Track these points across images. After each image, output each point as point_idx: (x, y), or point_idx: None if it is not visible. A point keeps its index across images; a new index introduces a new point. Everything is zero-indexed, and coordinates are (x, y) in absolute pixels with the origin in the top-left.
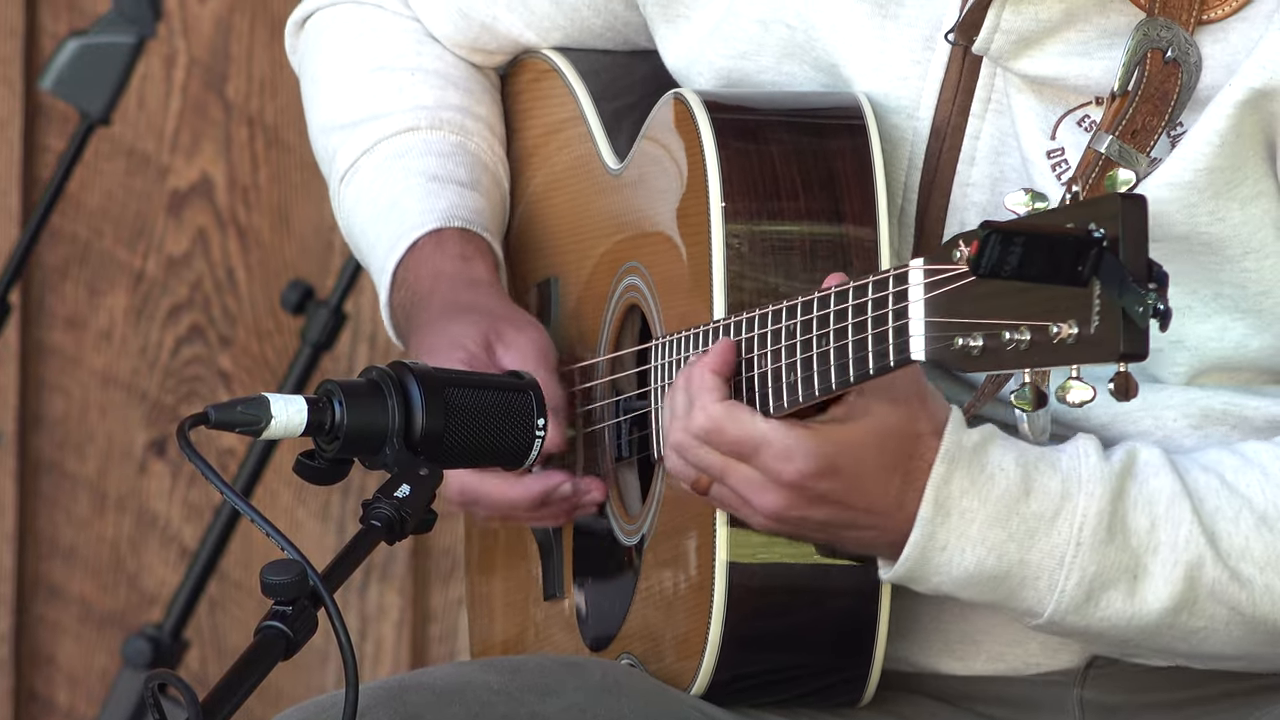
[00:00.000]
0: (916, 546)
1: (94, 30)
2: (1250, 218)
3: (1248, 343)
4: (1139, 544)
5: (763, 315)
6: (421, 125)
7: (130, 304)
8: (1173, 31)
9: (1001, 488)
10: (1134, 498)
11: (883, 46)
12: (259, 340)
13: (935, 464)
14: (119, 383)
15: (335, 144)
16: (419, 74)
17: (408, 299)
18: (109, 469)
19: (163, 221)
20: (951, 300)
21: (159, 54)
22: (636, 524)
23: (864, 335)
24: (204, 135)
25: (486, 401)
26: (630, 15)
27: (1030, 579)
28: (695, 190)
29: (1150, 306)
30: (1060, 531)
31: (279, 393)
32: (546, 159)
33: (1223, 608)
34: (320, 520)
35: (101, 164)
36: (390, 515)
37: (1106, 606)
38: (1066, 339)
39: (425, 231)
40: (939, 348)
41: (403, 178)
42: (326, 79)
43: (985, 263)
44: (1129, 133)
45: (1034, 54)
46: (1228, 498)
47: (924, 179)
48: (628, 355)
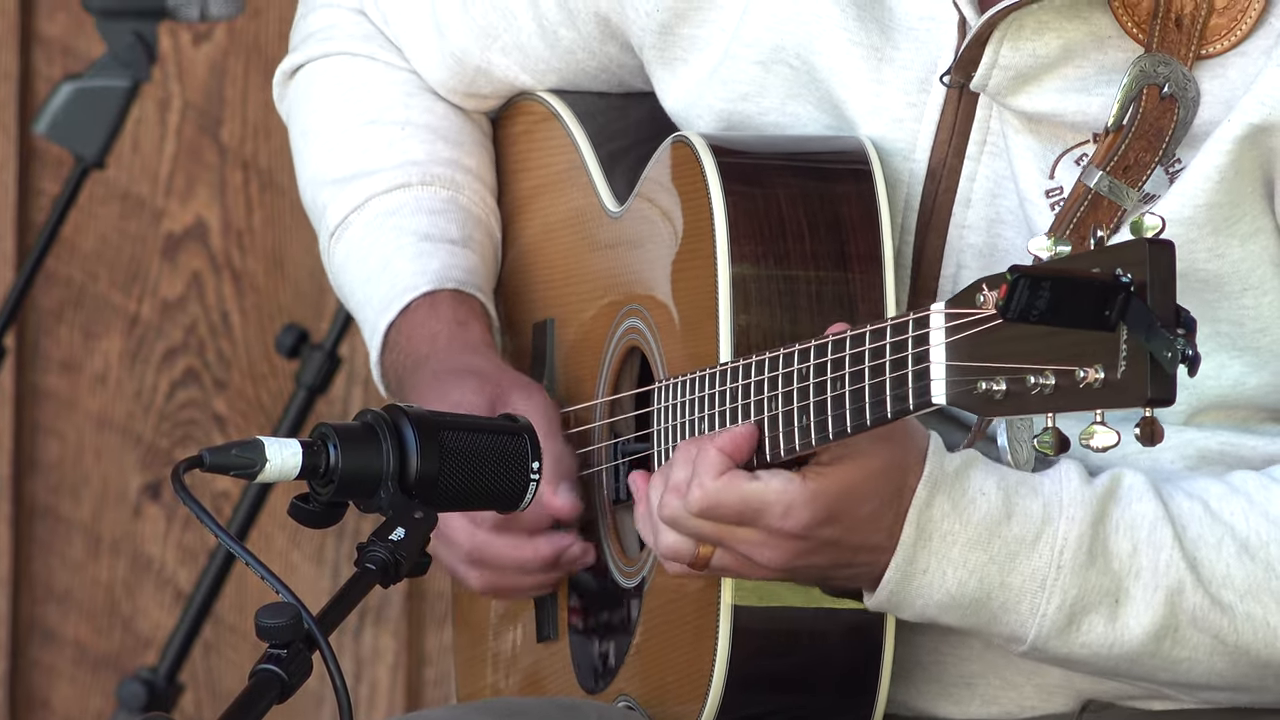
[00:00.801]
0: (898, 570)
1: (88, 74)
2: (1249, 254)
3: (1245, 380)
4: (1120, 568)
5: (774, 358)
6: (413, 181)
7: (125, 347)
8: (1170, 67)
9: (983, 511)
10: (1116, 521)
11: (878, 89)
12: (254, 384)
13: (918, 489)
14: (114, 426)
15: (325, 199)
16: (409, 128)
17: (400, 361)
18: (104, 512)
19: (157, 265)
20: (974, 344)
21: (153, 98)
22: (636, 567)
23: (882, 379)
24: (198, 179)
25: (481, 445)
26: (625, 58)
27: (1012, 603)
28: (701, 233)
29: (1179, 352)
30: (1041, 554)
31: (274, 436)
32: (545, 202)
33: (1205, 636)
34: (315, 563)
35: (96, 208)
36: (385, 558)
37: (1088, 631)
38: (1093, 384)
39: (419, 294)
40: (961, 392)
41: (395, 237)
42: (316, 132)
43: (1014, 307)
44: (1121, 168)
45: (1031, 90)
46: (1210, 525)
47: (920, 221)
48: (627, 397)
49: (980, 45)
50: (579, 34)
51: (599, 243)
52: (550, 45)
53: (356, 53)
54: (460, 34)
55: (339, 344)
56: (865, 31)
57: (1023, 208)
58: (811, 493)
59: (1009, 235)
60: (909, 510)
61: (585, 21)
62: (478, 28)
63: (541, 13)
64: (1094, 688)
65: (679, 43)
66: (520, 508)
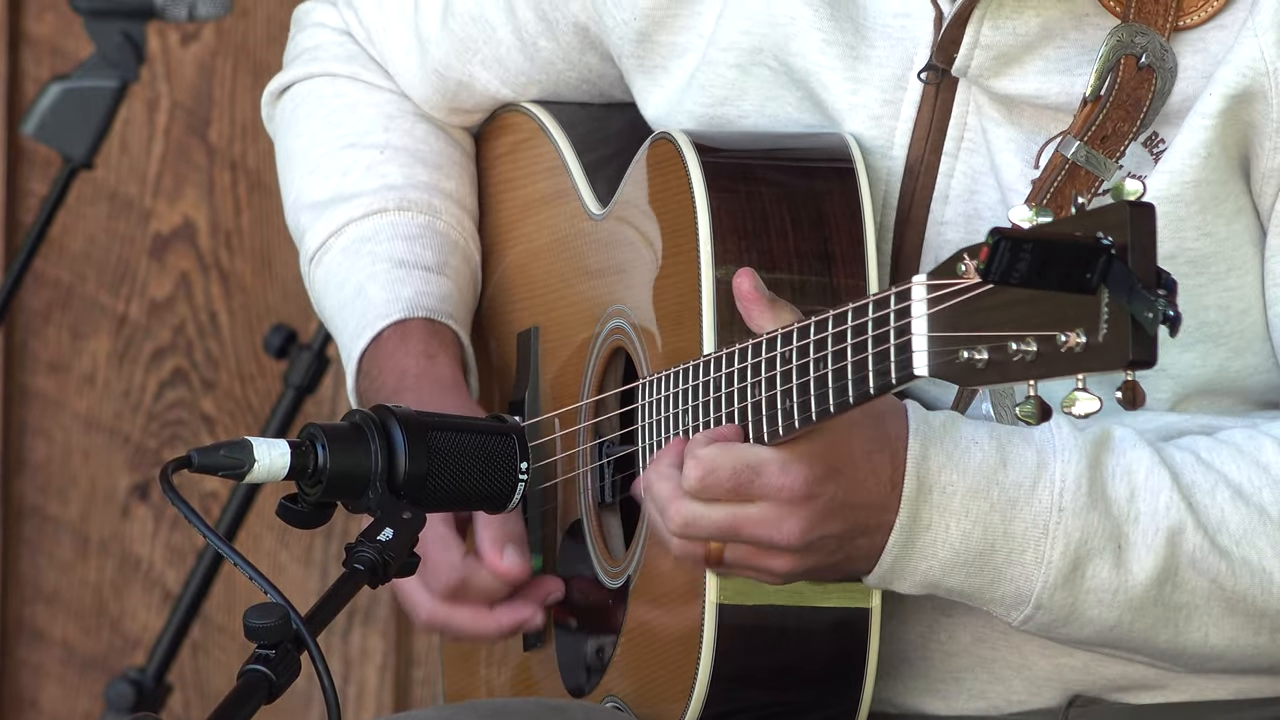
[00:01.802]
0: (902, 530)
1: (76, 74)
2: (1233, 233)
3: (1230, 365)
4: (1119, 513)
5: (755, 345)
6: (389, 207)
7: (113, 348)
8: (1148, 37)
9: (978, 460)
10: (1111, 468)
11: (855, 87)
12: (242, 384)
13: (910, 443)
14: (102, 427)
15: (306, 223)
16: (388, 151)
17: (371, 390)
18: (92, 513)
19: (145, 265)
20: (955, 314)
21: (142, 98)
22: (621, 567)
23: (864, 355)
24: (186, 179)
25: (470, 445)
26: (605, 68)
27: (1016, 553)
28: (684, 231)
29: (1160, 313)
30: (1040, 499)
31: (262, 436)
32: (530, 212)
33: (1204, 580)
34: (303, 564)
35: (84, 208)
36: (373, 559)
37: (1093, 577)
38: (1074, 348)
39: (390, 322)
40: (943, 362)
41: (369, 263)
42: (299, 155)
43: (995, 269)
44: (1098, 138)
45: (1014, 72)
46: (1204, 472)
47: (898, 218)
48: (611, 398)
49: (961, 24)
50: (558, 45)
51: (582, 245)
52: (530, 57)
53: (338, 74)
54: (441, 49)
55: (327, 344)
56: (840, 30)
57: (1005, 200)
58: (801, 452)
59: (988, 230)
60: (906, 464)
61: (564, 32)
62: (457, 42)
63: (520, 25)
64: (1082, 679)
65: (657, 50)
66: (508, 508)
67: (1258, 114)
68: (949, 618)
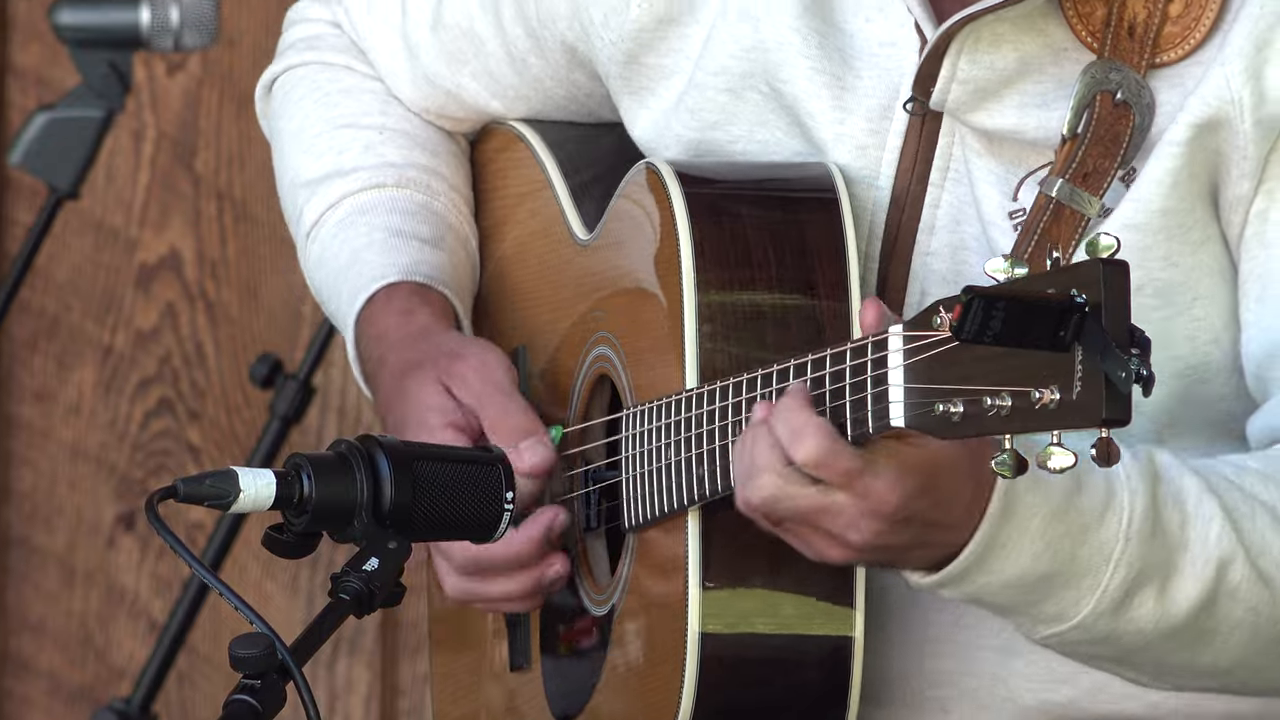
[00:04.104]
0: (979, 546)
1: (62, 104)
2: (1199, 263)
3: (1194, 394)
4: (1173, 542)
5: (736, 384)
6: (388, 183)
7: (99, 378)
8: (1122, 74)
9: (1060, 482)
10: (1164, 496)
11: (842, 117)
12: (228, 414)
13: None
14: (88, 456)
15: (302, 200)
16: (386, 132)
17: (367, 366)
18: (78, 542)
19: (131, 295)
20: (931, 366)
21: (127, 128)
22: (606, 594)
23: (841, 402)
24: (172, 209)
25: (455, 475)
26: (593, 86)
27: (1075, 578)
28: (668, 260)
29: (1133, 372)
30: (1109, 526)
31: (247, 466)
32: (514, 228)
33: (1239, 608)
34: (289, 594)
35: (70, 238)
36: (359, 588)
37: (1140, 606)
38: (1049, 404)
39: (382, 284)
40: (919, 414)
41: (366, 232)
42: (294, 136)
43: (969, 328)
44: (1080, 176)
45: (991, 107)
46: (1241, 497)
47: (884, 248)
48: (596, 425)
49: (938, 58)
50: (546, 62)
51: (568, 270)
52: (519, 73)
53: (333, 62)
54: (431, 57)
55: (313, 374)
56: (827, 59)
57: (986, 232)
58: (914, 463)
59: (973, 261)
60: (995, 482)
61: (553, 50)
62: (447, 52)
63: (509, 40)
64: (1069, 714)
65: (644, 72)
66: (494, 538)
67: (1225, 142)
68: (935, 647)
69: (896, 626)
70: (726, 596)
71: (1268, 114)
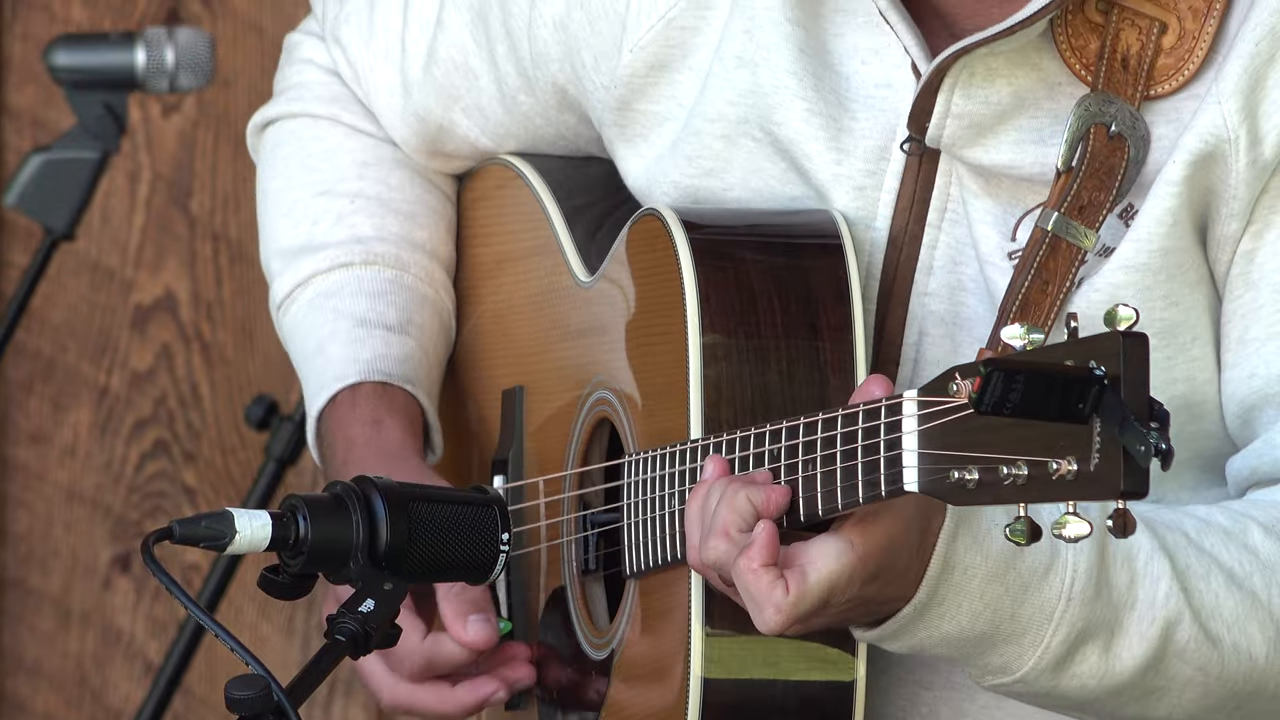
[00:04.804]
0: (917, 606)
1: (58, 146)
2: (1196, 302)
3: (1185, 430)
4: (1118, 600)
5: (744, 438)
6: (355, 261)
7: (95, 419)
8: (1116, 106)
9: (1000, 544)
10: (1113, 554)
11: (839, 158)
12: (223, 455)
13: (945, 521)
14: (83, 498)
15: (276, 269)
16: (359, 200)
17: (326, 455)
18: (73, 584)
19: (127, 337)
20: (946, 433)
21: (123, 169)
22: (605, 639)
23: (854, 463)
24: (168, 250)
25: (451, 516)
26: (581, 128)
27: (1016, 635)
28: (672, 306)
29: (1153, 446)
30: (1051, 586)
31: (243, 508)
32: (513, 266)
33: (1189, 668)
34: (284, 635)
35: (66, 279)
36: (355, 630)
37: (1082, 662)
38: (1066, 475)
39: (344, 385)
40: (933, 480)
41: (331, 320)
42: (274, 195)
43: (988, 400)
44: (1075, 209)
45: (987, 142)
46: (1196, 555)
47: (882, 289)
48: (597, 470)
49: (932, 94)
50: (537, 101)
51: (570, 312)
52: (509, 110)
53: (320, 115)
54: (423, 93)
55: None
56: (824, 101)
57: (984, 272)
58: (861, 557)
59: (971, 303)
60: (936, 543)
61: (543, 91)
62: (440, 88)
63: (501, 77)
64: None
65: (638, 119)
66: (489, 579)
67: (1217, 179)
68: (929, 692)
69: (893, 672)
70: (728, 643)
71: (1261, 155)
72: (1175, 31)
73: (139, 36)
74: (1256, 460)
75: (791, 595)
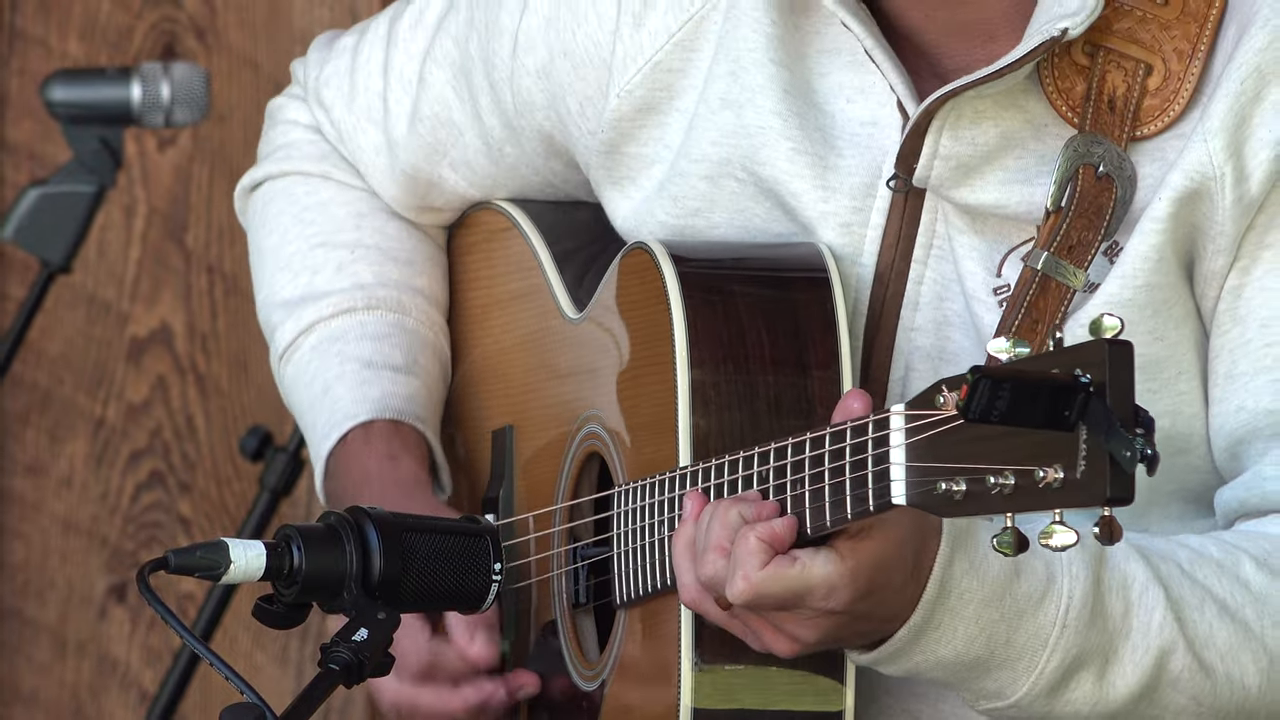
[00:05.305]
0: (913, 629)
1: (54, 180)
2: (1182, 337)
3: (1174, 463)
4: (1113, 628)
5: (733, 461)
6: (358, 306)
7: (91, 451)
8: (1104, 147)
9: (996, 569)
10: (1109, 583)
11: (825, 195)
12: (218, 486)
13: (941, 545)
14: (79, 529)
15: (277, 321)
16: (358, 250)
17: (336, 491)
18: (69, 614)
19: (123, 369)
20: (933, 445)
21: (119, 203)
22: (595, 670)
23: (842, 479)
24: (163, 283)
25: (444, 546)
26: (569, 173)
27: (1011, 660)
28: (660, 339)
29: (1138, 451)
30: (1046, 613)
31: (238, 538)
32: (504, 309)
33: (1183, 697)
34: (279, 664)
35: (62, 312)
36: (348, 659)
37: (1075, 689)
38: (1052, 483)
39: (356, 423)
40: (921, 492)
41: (338, 363)
42: (270, 253)
43: (975, 408)
44: (1065, 248)
45: (974, 182)
46: (1190, 587)
47: (869, 324)
48: (587, 502)
49: (920, 135)
50: (523, 151)
51: (558, 349)
52: (495, 161)
53: (311, 172)
54: (410, 151)
55: (302, 447)
56: (809, 140)
57: (969, 308)
58: (851, 571)
59: (957, 338)
60: (933, 567)
61: (529, 140)
62: (426, 145)
63: (486, 130)
64: None
65: (625, 162)
66: (482, 609)
67: (1203, 216)
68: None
69: (881, 701)
70: (719, 673)
71: (1247, 192)
72: (1160, 73)
73: (135, 72)
74: (1245, 492)
75: (767, 572)
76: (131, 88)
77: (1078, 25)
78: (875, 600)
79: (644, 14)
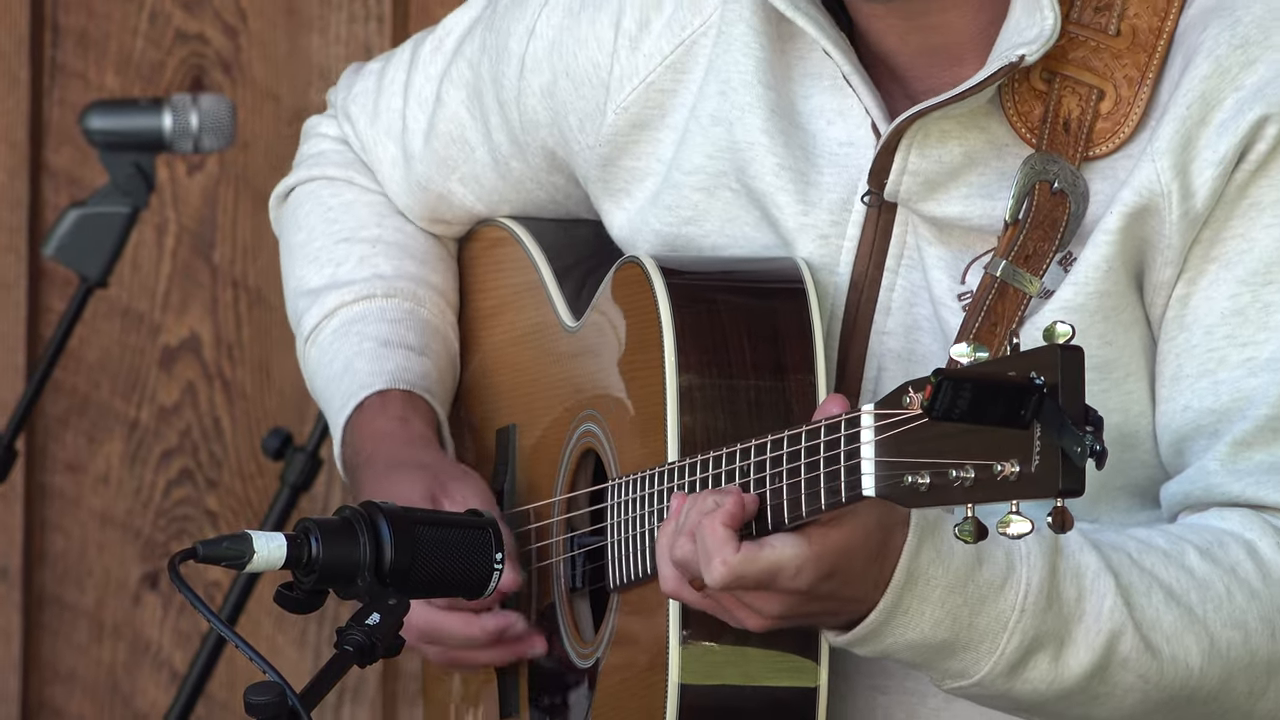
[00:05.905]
0: (883, 613)
1: (92, 201)
2: (1130, 341)
3: (1124, 459)
4: (1068, 613)
5: (716, 457)
6: (378, 293)
7: (125, 450)
8: (1059, 165)
9: (960, 558)
10: (1063, 570)
11: (806, 209)
12: (243, 482)
13: (908, 537)
14: (115, 522)
15: (303, 308)
16: (379, 245)
17: (352, 456)
18: (106, 600)
19: (155, 375)
20: (901, 442)
21: (151, 223)
22: (591, 649)
23: (816, 473)
24: (192, 297)
25: (450, 538)
26: (570, 188)
27: (974, 642)
28: (651, 345)
29: (1088, 447)
30: (1007, 598)
31: (261, 530)
32: (507, 316)
33: (1130, 675)
34: (298, 646)
35: (99, 323)
36: (362, 641)
37: (1034, 668)
38: (1009, 476)
39: (372, 391)
40: (889, 485)
41: (357, 342)
42: (299, 248)
43: (938, 406)
44: (1022, 257)
45: (940, 197)
46: (1139, 574)
47: (844, 329)
48: (583, 495)
49: (890, 152)
50: (528, 166)
51: (557, 354)
52: (502, 176)
53: (336, 177)
54: (424, 165)
55: (320, 446)
56: (792, 157)
57: (936, 313)
58: (817, 553)
59: (925, 341)
60: (900, 557)
61: (534, 155)
62: (439, 159)
63: (495, 147)
64: None
65: (620, 174)
66: (485, 595)
67: (1152, 230)
68: (885, 696)
69: (851, 678)
70: (703, 650)
71: (1193, 208)
72: (1112, 98)
73: (166, 103)
74: (1190, 486)
75: (741, 554)
76: (163, 117)
77: (1034, 52)
78: (839, 581)
79: (640, 38)
